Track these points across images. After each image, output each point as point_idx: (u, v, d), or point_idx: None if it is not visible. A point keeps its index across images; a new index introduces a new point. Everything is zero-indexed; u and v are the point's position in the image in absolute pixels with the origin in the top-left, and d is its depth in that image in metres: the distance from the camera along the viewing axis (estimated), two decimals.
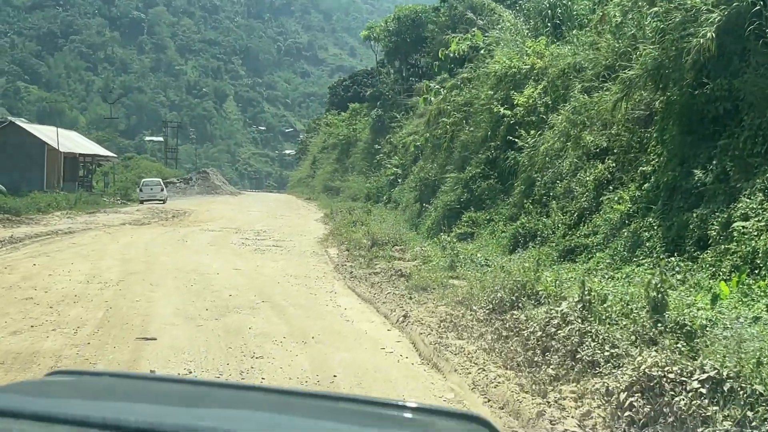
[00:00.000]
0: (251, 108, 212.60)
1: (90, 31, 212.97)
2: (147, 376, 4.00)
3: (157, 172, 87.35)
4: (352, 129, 78.26)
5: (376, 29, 77.69)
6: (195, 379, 3.95)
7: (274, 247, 26.74)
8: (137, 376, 3.68)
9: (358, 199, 53.89)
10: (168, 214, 46.00)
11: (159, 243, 27.18)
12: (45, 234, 28.74)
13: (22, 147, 57.23)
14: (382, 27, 75.21)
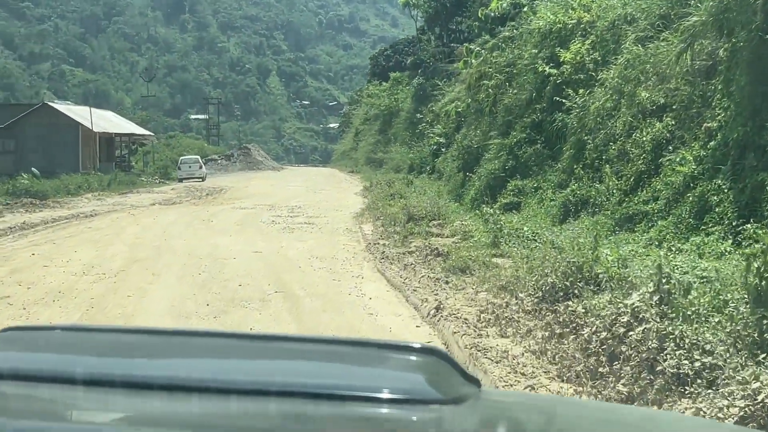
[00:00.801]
0: (294, 83, 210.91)
1: (132, 12, 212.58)
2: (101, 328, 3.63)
3: (198, 149, 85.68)
4: (393, 99, 76.43)
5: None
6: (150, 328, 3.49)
7: (306, 225, 24.70)
8: (91, 329, 3.43)
9: (401, 171, 52.24)
10: (203, 192, 44.20)
11: (181, 224, 25.32)
12: (64, 218, 26.99)
13: (56, 129, 55.65)
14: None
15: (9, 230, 22.38)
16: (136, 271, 15.26)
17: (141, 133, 70.47)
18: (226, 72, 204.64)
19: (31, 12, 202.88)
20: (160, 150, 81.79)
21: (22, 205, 31.64)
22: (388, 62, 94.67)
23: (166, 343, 2.58)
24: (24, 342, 2.60)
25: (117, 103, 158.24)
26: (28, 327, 3.12)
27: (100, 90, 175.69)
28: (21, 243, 19.85)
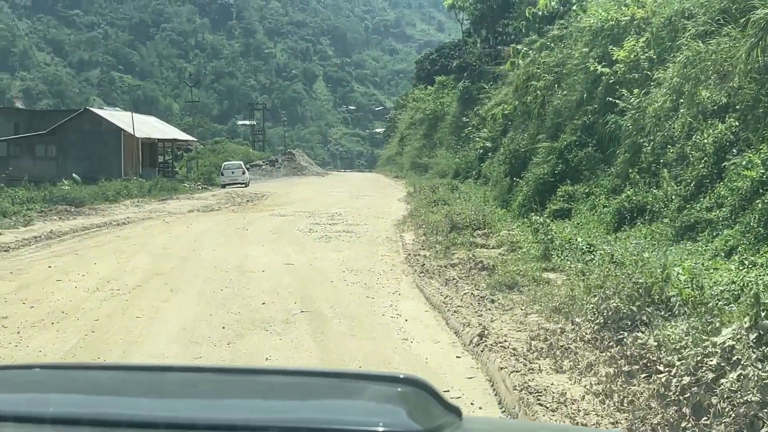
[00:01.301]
0: (341, 88, 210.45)
1: (180, 19, 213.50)
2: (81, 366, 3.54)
3: (243, 155, 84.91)
4: (439, 103, 75.63)
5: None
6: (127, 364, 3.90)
7: (344, 234, 23.35)
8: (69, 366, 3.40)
9: (446, 176, 51.35)
10: (244, 198, 43.06)
11: (214, 232, 24.09)
12: (95, 226, 25.91)
13: (99, 134, 55.09)
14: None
15: (34, 240, 21.28)
16: (154, 287, 13.99)
17: (184, 138, 69.75)
18: (272, 78, 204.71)
19: (81, 20, 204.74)
20: (204, 155, 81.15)
21: (56, 212, 30.69)
22: (433, 66, 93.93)
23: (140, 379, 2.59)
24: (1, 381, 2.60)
25: (165, 110, 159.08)
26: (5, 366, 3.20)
27: (148, 96, 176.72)
28: (42, 254, 18.72)
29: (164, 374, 2.68)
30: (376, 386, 2.37)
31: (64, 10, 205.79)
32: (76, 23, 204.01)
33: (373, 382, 2.43)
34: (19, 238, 21.20)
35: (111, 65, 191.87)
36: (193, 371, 2.86)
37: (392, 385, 2.32)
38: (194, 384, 2.51)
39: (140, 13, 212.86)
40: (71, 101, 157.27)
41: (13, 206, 31.81)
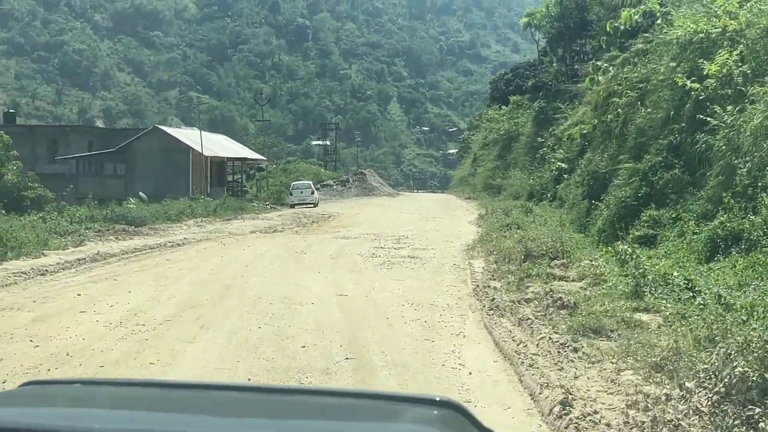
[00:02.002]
0: (415, 109, 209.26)
1: (257, 40, 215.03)
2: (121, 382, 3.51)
3: (314, 174, 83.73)
4: (513, 123, 73.93)
5: (536, 15, 73.00)
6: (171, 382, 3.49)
7: (408, 260, 21.42)
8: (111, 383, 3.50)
9: (520, 197, 49.81)
10: (310, 218, 41.41)
11: (269, 256, 22.31)
12: (148, 248, 24.36)
13: (167, 152, 54.12)
14: (544, 13, 70.39)
15: (77, 262, 19.76)
16: (184, 322, 12.19)
17: (254, 157, 68.56)
18: (347, 99, 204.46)
19: (161, 41, 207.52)
20: (275, 175, 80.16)
21: (114, 232, 29.33)
22: (508, 86, 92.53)
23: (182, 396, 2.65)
24: (43, 396, 2.68)
25: (241, 129, 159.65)
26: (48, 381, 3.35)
27: (225, 116, 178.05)
28: (79, 279, 17.13)
29: (206, 392, 2.76)
30: (412, 408, 2.41)
31: (144, 31, 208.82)
32: (156, 44, 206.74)
33: (409, 404, 2.48)
34: (63, 260, 19.73)
35: (189, 85, 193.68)
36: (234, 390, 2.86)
37: (429, 407, 2.36)
38: (234, 402, 2.53)
39: (218, 34, 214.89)
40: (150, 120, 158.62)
41: (72, 225, 30.65)
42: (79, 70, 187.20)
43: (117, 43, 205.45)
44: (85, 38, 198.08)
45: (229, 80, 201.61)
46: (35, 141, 68.98)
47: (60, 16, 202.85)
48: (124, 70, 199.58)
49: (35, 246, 22.14)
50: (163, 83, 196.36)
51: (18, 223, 25.82)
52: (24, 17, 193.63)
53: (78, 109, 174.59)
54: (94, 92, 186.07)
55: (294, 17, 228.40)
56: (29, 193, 36.40)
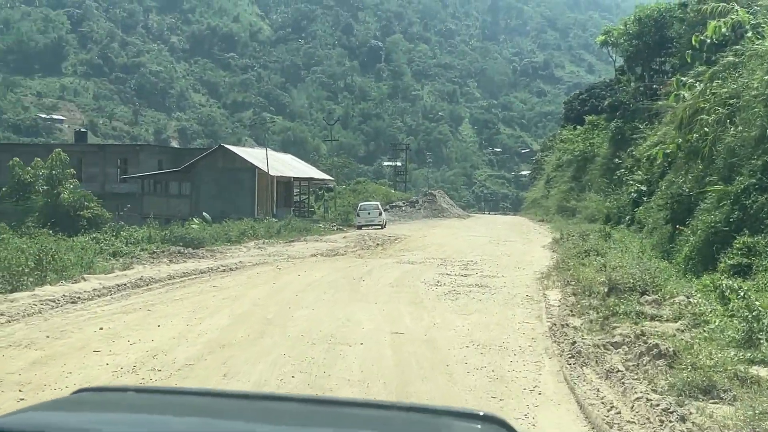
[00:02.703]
0: (487, 130, 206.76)
1: (330, 62, 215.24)
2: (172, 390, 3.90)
3: (383, 195, 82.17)
4: (588, 144, 71.47)
5: (614, 33, 70.77)
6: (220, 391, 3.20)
7: (476, 289, 19.49)
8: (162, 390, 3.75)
9: (596, 221, 47.94)
10: (376, 240, 39.68)
11: (324, 284, 20.50)
12: (198, 272, 22.79)
13: (232, 172, 52.90)
14: (621, 30, 68.23)
15: (116, 288, 18.25)
16: (206, 368, 10.36)
17: (321, 177, 67.06)
18: (419, 119, 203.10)
19: (236, 62, 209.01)
20: (344, 195, 78.83)
21: (168, 254, 27.97)
22: (583, 106, 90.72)
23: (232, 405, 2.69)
24: (96, 403, 2.76)
25: (313, 150, 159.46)
26: (100, 388, 3.37)
27: (298, 137, 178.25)
28: (110, 308, 15.54)
29: (256, 402, 2.81)
30: (457, 423, 2.42)
31: (220, 53, 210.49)
32: (231, 66, 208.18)
33: (453, 418, 2.48)
34: (101, 286, 18.23)
35: (263, 106, 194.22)
36: (280, 400, 2.96)
37: (473, 422, 2.37)
38: (280, 413, 2.61)
39: (292, 56, 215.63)
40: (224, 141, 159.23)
41: (126, 247, 29.46)
42: (155, 91, 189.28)
43: (193, 65, 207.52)
44: (162, 60, 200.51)
45: (302, 101, 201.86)
46: (106, 160, 68.79)
47: (138, 38, 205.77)
48: (199, 91, 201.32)
49: (79, 269, 20.82)
50: (237, 104, 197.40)
51: (66, 245, 24.53)
52: (103, 39, 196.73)
53: (154, 129, 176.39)
54: (169, 113, 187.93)
55: (367, 39, 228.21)
56: (85, 212, 35.38)
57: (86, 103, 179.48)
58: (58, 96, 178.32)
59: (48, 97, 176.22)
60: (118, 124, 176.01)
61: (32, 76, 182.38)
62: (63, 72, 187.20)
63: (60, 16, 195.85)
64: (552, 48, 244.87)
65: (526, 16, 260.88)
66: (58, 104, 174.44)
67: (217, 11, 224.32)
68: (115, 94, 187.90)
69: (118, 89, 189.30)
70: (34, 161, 39.09)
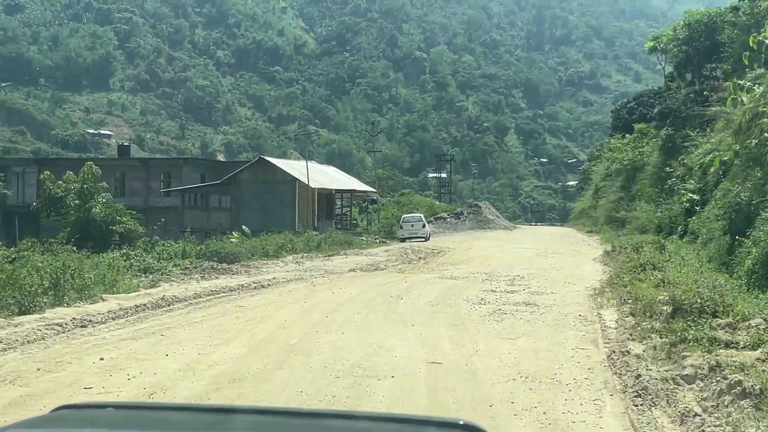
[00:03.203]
0: (533, 140, 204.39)
1: (375, 74, 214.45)
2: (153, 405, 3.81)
3: (428, 207, 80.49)
4: (638, 152, 69.31)
5: (662, 39, 68.67)
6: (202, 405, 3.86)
7: (524, 307, 17.84)
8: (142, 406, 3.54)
9: (647, 231, 46.44)
10: (419, 254, 38.13)
11: (358, 303, 18.93)
12: (227, 290, 21.37)
13: (272, 184, 51.60)
14: (670, 36, 66.14)
15: (134, 309, 16.83)
16: None
17: (363, 189, 65.52)
18: (463, 130, 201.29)
19: (281, 76, 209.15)
20: (388, 207, 77.32)
21: (201, 270, 26.67)
22: (631, 115, 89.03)
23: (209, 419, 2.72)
24: (76, 420, 2.73)
25: (358, 162, 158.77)
26: (80, 405, 3.15)
27: (342, 150, 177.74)
28: (120, 333, 14.05)
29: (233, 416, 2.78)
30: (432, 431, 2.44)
31: (265, 67, 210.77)
32: (276, 80, 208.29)
33: (434, 428, 2.48)
34: (119, 307, 16.85)
35: (308, 119, 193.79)
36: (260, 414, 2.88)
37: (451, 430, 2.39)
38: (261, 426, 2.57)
39: (337, 69, 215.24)
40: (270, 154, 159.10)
41: (158, 263, 28.18)
42: (201, 105, 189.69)
43: (238, 79, 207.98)
44: (208, 74, 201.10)
45: (347, 114, 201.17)
46: (149, 174, 68.12)
47: (184, 53, 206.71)
48: (245, 105, 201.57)
49: (101, 288, 19.54)
50: (282, 117, 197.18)
51: (90, 262, 23.25)
52: (150, 55, 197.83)
53: (200, 143, 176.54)
54: (216, 127, 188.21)
55: (411, 50, 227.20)
56: (117, 227, 34.12)
57: (133, 118, 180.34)
58: (106, 111, 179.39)
59: (96, 113, 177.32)
60: (165, 139, 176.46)
61: (80, 92, 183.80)
62: (111, 87, 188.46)
63: (107, 32, 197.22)
64: (598, 57, 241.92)
65: (571, 25, 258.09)
66: (105, 119, 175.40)
67: (262, 25, 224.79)
68: (161, 108, 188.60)
69: (164, 104, 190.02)
70: (66, 174, 38.04)
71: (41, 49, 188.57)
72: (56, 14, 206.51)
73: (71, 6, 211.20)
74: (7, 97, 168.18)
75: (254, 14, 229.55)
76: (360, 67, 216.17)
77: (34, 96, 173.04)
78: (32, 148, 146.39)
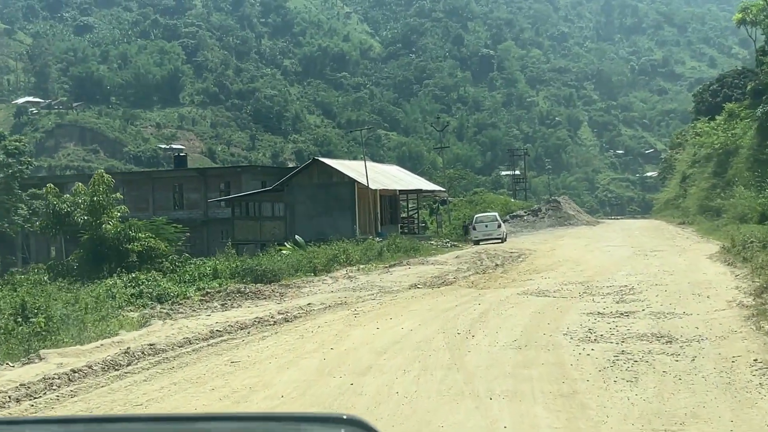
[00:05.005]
0: (607, 132, 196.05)
1: (442, 74, 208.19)
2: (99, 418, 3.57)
3: (502, 205, 74.16)
4: (730, 135, 62.01)
5: (752, 10, 61.34)
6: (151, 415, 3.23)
7: (656, 343, 11.66)
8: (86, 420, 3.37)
9: (748, 220, 40.65)
10: (494, 259, 31.96)
11: (409, 348, 12.65)
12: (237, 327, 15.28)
13: (328, 188, 45.70)
14: (761, 5, 58.76)
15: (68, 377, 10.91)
16: None
17: (430, 188, 59.09)
18: (535, 126, 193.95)
19: (348, 81, 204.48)
20: (460, 207, 71.16)
21: (225, 294, 21.07)
22: (715, 97, 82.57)
23: None
24: None
25: (429, 163, 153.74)
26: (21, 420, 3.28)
27: (413, 152, 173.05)
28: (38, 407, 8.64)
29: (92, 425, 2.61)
30: (317, 428, 2.34)
31: (332, 73, 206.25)
32: (344, 85, 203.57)
33: (314, 424, 2.38)
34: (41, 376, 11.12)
35: (377, 123, 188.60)
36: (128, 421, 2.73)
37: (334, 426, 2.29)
38: None
39: (403, 71, 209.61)
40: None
41: (177, 287, 22.69)
42: (271, 114, 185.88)
43: (306, 87, 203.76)
44: (276, 83, 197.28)
45: (416, 115, 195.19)
46: (207, 184, 63.33)
47: (251, 64, 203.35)
48: (313, 113, 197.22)
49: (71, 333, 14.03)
50: (351, 123, 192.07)
51: (68, 297, 17.71)
52: (217, 67, 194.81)
53: (271, 153, 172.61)
54: (285, 135, 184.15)
55: (478, 48, 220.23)
56: (134, 245, 28.37)
57: (204, 131, 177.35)
58: (177, 126, 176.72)
59: (167, 128, 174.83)
60: (236, 150, 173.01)
61: (151, 108, 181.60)
62: (180, 102, 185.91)
63: (175, 47, 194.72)
64: (671, 44, 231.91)
65: (641, 13, 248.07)
66: (176, 134, 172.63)
67: (327, 32, 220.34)
68: (231, 120, 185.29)
69: (234, 115, 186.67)
70: (75, 186, 32.54)
71: (111, 68, 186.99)
72: (124, 32, 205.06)
73: (138, 24, 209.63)
74: (80, 117, 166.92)
75: (319, 21, 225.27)
76: (427, 68, 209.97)
77: (106, 114, 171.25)
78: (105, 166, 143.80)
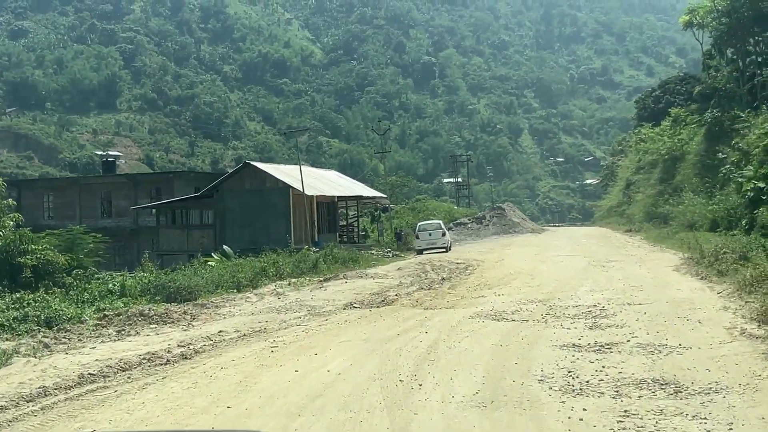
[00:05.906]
0: (547, 140, 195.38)
1: (384, 81, 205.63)
2: None
3: (445, 212, 71.54)
4: (676, 140, 60.44)
5: (699, 12, 59.78)
6: None
7: (664, 397, 8.59)
8: None
9: (698, 227, 39.49)
10: (440, 272, 28.86)
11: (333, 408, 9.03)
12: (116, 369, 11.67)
13: (261, 194, 42.16)
14: (708, 8, 57.16)
15: None
16: None
17: (371, 195, 55.97)
18: (477, 133, 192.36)
19: (289, 88, 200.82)
20: (402, 215, 68.23)
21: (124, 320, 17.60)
22: (657, 103, 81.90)
23: None
24: None
25: (371, 171, 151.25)
26: None
27: (354, 159, 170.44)
28: None
29: None
30: None
31: (272, 79, 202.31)
32: (285, 92, 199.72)
33: None
34: None
35: (318, 130, 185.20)
36: None
37: None
38: None
39: (345, 78, 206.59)
40: None
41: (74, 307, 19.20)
42: (210, 121, 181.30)
43: (246, 93, 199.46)
44: (216, 90, 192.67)
45: (358, 122, 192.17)
46: (137, 191, 59.45)
47: (190, 70, 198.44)
48: (254, 119, 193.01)
49: None
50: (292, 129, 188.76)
51: None
52: (156, 73, 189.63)
53: (210, 159, 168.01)
54: (225, 142, 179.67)
55: (419, 55, 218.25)
56: (26, 259, 24.51)
57: (142, 138, 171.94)
58: (114, 132, 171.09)
59: (104, 134, 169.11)
60: (174, 157, 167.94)
61: (87, 114, 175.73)
62: (118, 108, 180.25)
63: (112, 52, 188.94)
64: (609, 53, 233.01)
65: (581, 22, 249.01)
66: (114, 140, 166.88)
67: (268, 38, 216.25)
68: (170, 126, 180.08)
69: (173, 122, 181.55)
70: None
71: (46, 73, 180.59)
72: (60, 37, 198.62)
73: (75, 28, 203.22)
74: (14, 123, 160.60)
75: (259, 27, 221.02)
76: (368, 75, 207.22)
77: (41, 120, 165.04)
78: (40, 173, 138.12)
